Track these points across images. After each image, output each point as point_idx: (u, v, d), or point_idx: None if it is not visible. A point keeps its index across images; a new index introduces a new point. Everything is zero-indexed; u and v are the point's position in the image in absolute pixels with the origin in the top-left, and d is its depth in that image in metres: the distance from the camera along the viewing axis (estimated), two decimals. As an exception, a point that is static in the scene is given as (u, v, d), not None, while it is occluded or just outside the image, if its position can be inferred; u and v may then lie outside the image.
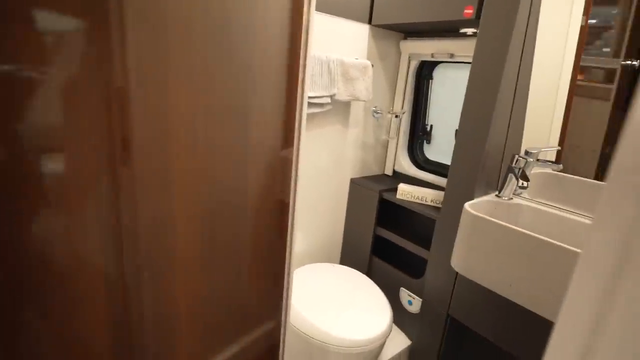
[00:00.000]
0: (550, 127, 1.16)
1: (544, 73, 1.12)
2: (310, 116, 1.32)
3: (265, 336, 0.76)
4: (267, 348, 0.78)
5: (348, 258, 1.63)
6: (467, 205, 1.00)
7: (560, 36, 1.13)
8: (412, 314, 1.38)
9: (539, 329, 0.94)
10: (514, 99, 1.05)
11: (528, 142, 1.17)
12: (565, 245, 0.79)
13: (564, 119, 1.16)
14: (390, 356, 1.30)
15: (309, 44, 0.63)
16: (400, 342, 1.37)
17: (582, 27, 1.14)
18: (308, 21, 0.61)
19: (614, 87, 1.10)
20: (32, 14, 0.37)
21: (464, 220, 1.00)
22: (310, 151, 1.39)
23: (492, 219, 0.92)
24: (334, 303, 1.21)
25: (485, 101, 1.02)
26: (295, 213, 0.70)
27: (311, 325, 1.11)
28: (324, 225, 1.55)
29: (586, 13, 1.13)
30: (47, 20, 0.38)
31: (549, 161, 1.09)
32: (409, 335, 1.40)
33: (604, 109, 1.12)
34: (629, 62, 1.09)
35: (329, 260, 1.60)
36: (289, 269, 0.76)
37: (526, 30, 1.00)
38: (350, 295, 1.26)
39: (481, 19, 1.00)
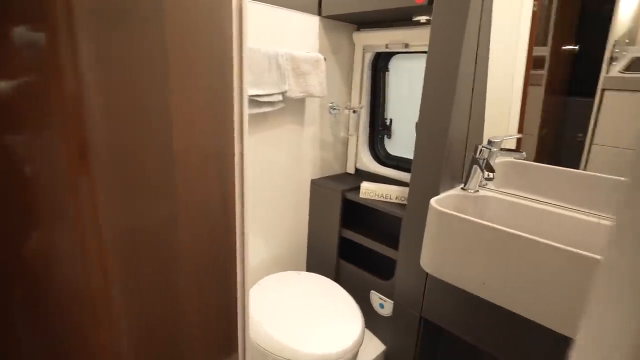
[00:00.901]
0: (509, 115, 1.14)
1: (501, 60, 1.09)
2: (262, 116, 1.22)
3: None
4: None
5: (314, 263, 1.54)
6: (433, 202, 0.94)
7: (514, 23, 1.10)
8: (385, 317, 1.32)
9: (514, 326, 0.90)
10: (473, 87, 1.01)
11: (489, 131, 1.14)
12: (537, 238, 0.74)
13: (521, 106, 1.14)
14: (365, 363, 1.23)
15: (243, 31, 0.53)
16: (374, 347, 1.31)
17: (534, 13, 1.12)
18: (240, 3, 0.52)
19: (544, 72, 1.10)
20: None
21: (430, 217, 0.94)
22: (266, 153, 1.29)
23: (461, 215, 0.87)
24: (302, 315, 1.12)
25: (444, 91, 0.96)
26: (246, 222, 0.60)
27: (278, 344, 1.02)
28: (287, 231, 1.46)
29: (536, -1, 1.11)
30: None
31: (512, 150, 1.06)
32: (382, 339, 1.34)
33: (539, 93, 1.12)
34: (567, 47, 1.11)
35: (295, 267, 1.50)
36: (244, 288, 0.66)
37: (481, 16, 0.95)
38: (319, 304, 1.18)
39: (434, 4, 0.95)
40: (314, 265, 1.54)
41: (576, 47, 1.14)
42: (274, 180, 1.36)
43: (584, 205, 0.93)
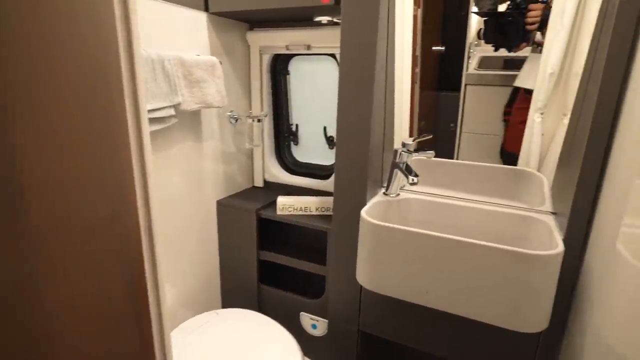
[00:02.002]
0: (402, 114, 1.17)
1: (400, 62, 1.10)
2: (151, 136, 0.99)
3: None
4: None
5: (231, 296, 1.36)
6: (365, 214, 0.88)
7: (401, 24, 1.11)
8: (319, 337, 1.23)
9: (456, 326, 0.91)
10: (385, 90, 0.99)
11: (397, 134, 1.15)
12: (472, 241, 0.74)
13: (411, 104, 1.19)
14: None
15: (131, 27, 0.37)
16: (311, 372, 1.22)
17: (414, 16, 1.16)
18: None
19: (418, 70, 1.19)
20: None
21: (364, 230, 0.89)
22: (159, 180, 1.07)
23: (396, 226, 0.83)
24: (232, 366, 0.95)
25: (361, 96, 0.91)
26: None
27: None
28: (194, 266, 1.25)
29: (417, 3, 1.15)
30: None
31: (421, 149, 1.08)
32: (319, 361, 1.26)
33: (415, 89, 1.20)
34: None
35: (209, 306, 1.30)
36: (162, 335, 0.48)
37: (388, 18, 0.93)
38: (248, 346, 1.02)
39: (342, 5, 0.88)
40: (231, 298, 1.36)
41: (442, 48, 1.24)
42: (172, 209, 1.13)
43: (491, 195, 0.99)
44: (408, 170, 0.97)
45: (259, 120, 1.29)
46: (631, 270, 0.56)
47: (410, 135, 1.18)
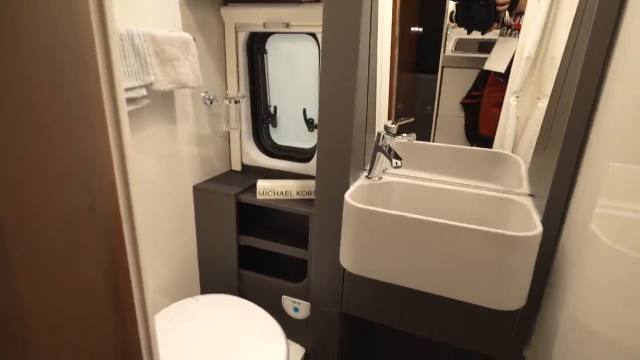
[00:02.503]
0: (381, 96, 1.16)
1: (380, 42, 1.08)
2: (121, 117, 0.93)
3: None
4: None
5: (211, 282, 1.34)
6: (349, 198, 0.88)
7: (382, 3, 1.09)
8: (301, 320, 1.24)
9: (438, 306, 0.94)
10: (368, 71, 0.97)
11: (377, 116, 1.14)
12: (453, 223, 0.75)
13: (389, 86, 1.19)
14: (288, 376, 1.14)
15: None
16: (294, 353, 1.23)
17: None
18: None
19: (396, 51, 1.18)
20: None
21: (347, 214, 0.88)
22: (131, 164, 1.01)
23: (380, 210, 0.83)
24: (213, 353, 0.94)
25: (345, 78, 0.89)
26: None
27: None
28: (171, 252, 1.21)
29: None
30: None
31: (401, 133, 1.08)
32: (301, 342, 1.27)
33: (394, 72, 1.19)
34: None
35: (187, 293, 1.28)
36: (146, 322, 0.46)
37: (371, -5, 0.90)
38: (231, 330, 1.01)
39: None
40: (210, 284, 1.34)
41: (421, 29, 1.24)
42: (147, 195, 1.09)
43: (471, 177, 1.01)
44: (391, 154, 0.97)
45: (236, 102, 1.24)
46: (603, 249, 0.59)
47: (389, 118, 1.18)
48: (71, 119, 0.32)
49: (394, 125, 0.99)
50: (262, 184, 1.18)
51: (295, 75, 1.30)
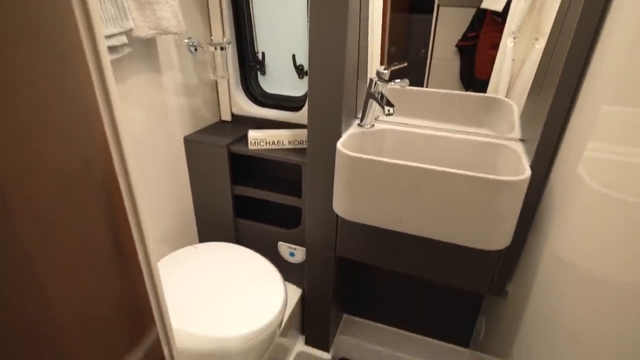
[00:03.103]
0: (381, 42, 1.12)
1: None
2: (103, 67, 0.89)
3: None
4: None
5: (208, 231, 1.38)
6: (341, 146, 0.88)
7: None
8: (298, 264, 1.30)
9: (427, 247, 0.98)
10: (360, 12, 0.92)
11: (369, 61, 1.11)
12: (443, 169, 0.77)
13: (382, 28, 1.13)
14: (287, 313, 1.22)
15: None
16: (291, 293, 1.31)
17: None
18: None
19: None
20: None
21: (340, 162, 0.89)
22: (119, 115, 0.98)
23: (372, 158, 0.83)
24: (217, 295, 0.99)
25: (336, 20, 0.85)
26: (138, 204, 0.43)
27: (197, 338, 0.89)
28: (167, 203, 1.23)
29: None
30: None
31: (395, 79, 1.06)
32: (298, 284, 1.34)
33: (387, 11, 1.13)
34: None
35: (186, 242, 1.31)
36: (149, 265, 0.49)
37: None
38: (230, 275, 1.06)
39: None
40: (207, 233, 1.38)
41: None
42: (138, 148, 1.07)
43: (463, 123, 1.01)
44: (383, 100, 0.95)
45: (222, 49, 1.19)
46: (588, 191, 0.61)
47: (382, 63, 1.14)
48: (54, 71, 0.31)
49: (386, 71, 0.96)
50: (253, 134, 1.17)
51: (284, 19, 1.23)
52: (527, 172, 0.75)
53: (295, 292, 1.32)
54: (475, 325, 1.27)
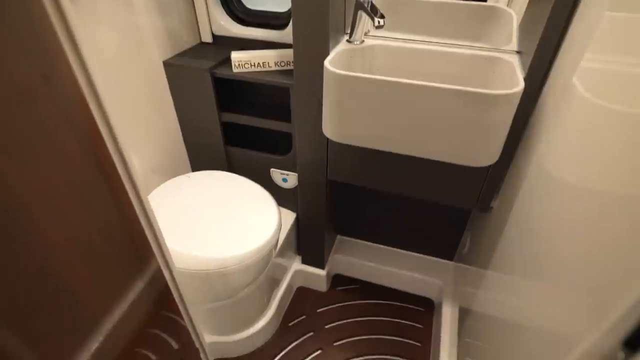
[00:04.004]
0: None
1: None
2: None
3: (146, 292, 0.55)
4: (155, 301, 0.59)
5: (200, 160, 1.37)
6: (328, 64, 0.83)
7: None
8: (291, 189, 1.32)
9: (416, 166, 0.99)
10: None
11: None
12: (432, 84, 0.74)
13: None
14: (283, 235, 1.27)
15: None
16: (285, 216, 1.35)
17: None
18: None
19: None
20: None
21: (328, 82, 0.85)
22: (90, 41, 0.91)
23: (361, 75, 0.79)
24: (211, 219, 1.02)
25: None
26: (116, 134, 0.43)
27: (196, 259, 0.94)
28: (153, 133, 1.20)
29: None
30: None
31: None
32: (291, 208, 1.38)
33: None
34: None
35: (179, 171, 1.31)
36: (138, 194, 0.50)
37: None
38: (224, 202, 1.08)
39: None
40: (199, 162, 1.37)
41: None
42: (113, 72, 1.01)
43: (458, 36, 0.95)
44: (373, 11, 0.88)
45: (194, -44, 1.06)
46: (579, 101, 0.59)
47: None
48: None
49: (376, -22, 0.87)
50: (236, 56, 1.10)
51: None
52: (520, 86, 0.72)
53: (289, 216, 1.36)
54: (461, 241, 1.34)
